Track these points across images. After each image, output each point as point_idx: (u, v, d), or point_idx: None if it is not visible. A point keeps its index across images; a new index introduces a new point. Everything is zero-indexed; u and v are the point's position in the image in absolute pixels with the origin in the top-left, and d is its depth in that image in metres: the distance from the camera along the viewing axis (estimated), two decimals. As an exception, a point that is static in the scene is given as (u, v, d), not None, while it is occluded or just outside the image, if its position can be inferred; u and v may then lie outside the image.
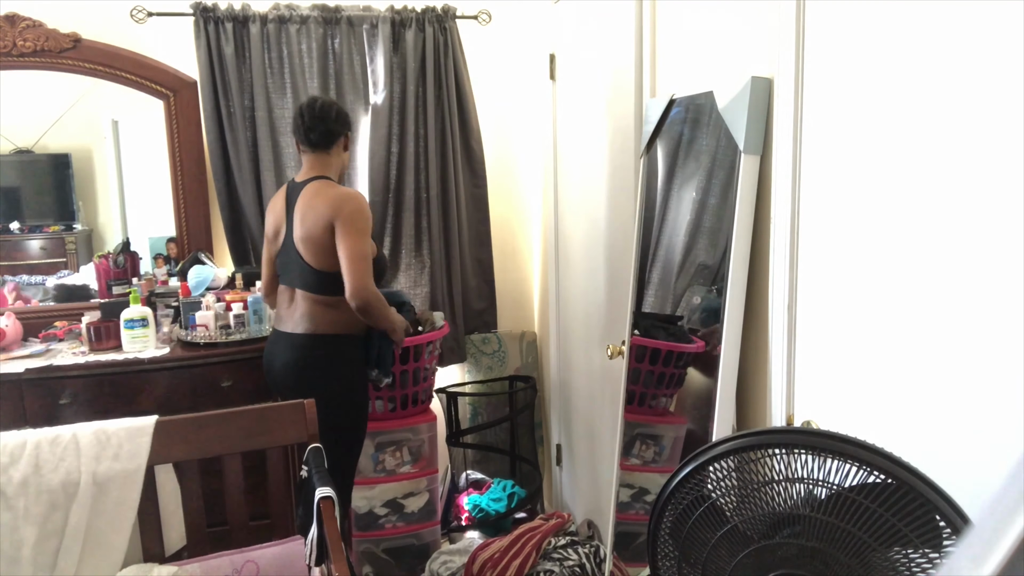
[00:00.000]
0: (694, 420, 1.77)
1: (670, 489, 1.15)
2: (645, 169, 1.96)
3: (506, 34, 3.28)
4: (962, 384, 1.04)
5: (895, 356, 1.17)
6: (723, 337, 1.54)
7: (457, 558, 2.53)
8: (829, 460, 0.98)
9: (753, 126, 1.48)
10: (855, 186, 1.25)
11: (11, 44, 2.74)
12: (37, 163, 2.97)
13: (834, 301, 1.32)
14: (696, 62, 1.83)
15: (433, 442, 2.85)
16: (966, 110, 1.01)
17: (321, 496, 1.59)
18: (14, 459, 1.62)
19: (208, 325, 2.64)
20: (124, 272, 2.89)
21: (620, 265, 2.35)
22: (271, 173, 2.95)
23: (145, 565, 1.69)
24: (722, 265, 1.56)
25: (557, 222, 3.07)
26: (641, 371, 1.97)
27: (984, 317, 1.00)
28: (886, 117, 1.17)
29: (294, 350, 2.25)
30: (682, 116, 1.81)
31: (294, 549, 1.79)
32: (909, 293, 1.13)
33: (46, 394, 2.44)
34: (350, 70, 2.99)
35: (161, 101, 2.94)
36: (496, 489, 3.08)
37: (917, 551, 0.92)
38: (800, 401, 1.44)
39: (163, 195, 3.02)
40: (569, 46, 2.81)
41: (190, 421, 1.76)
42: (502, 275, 3.41)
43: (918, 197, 1.11)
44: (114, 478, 1.66)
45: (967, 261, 1.02)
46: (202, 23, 2.82)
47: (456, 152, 3.14)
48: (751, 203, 1.52)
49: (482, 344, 3.37)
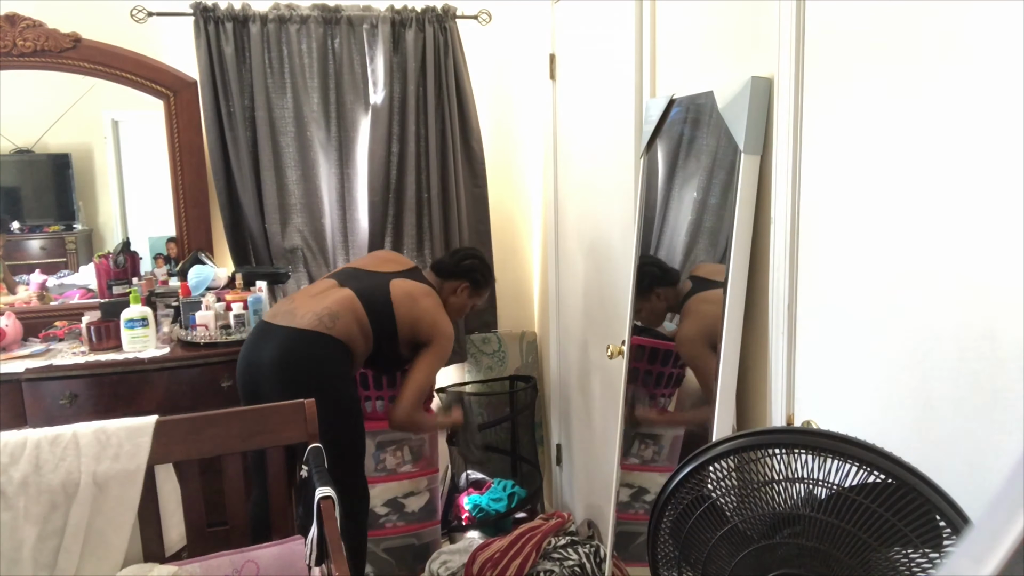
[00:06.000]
0: (694, 420, 1.77)
1: (670, 489, 1.15)
2: (645, 169, 1.96)
3: (506, 34, 3.28)
4: (962, 384, 1.04)
5: (895, 356, 1.17)
6: (723, 337, 1.54)
7: (457, 558, 2.53)
8: (829, 460, 0.98)
9: (753, 126, 1.48)
10: (855, 186, 1.25)
11: (11, 44, 2.74)
12: (37, 163, 2.97)
13: (834, 301, 1.32)
14: (696, 62, 1.83)
15: (433, 442, 2.86)
16: (967, 110, 1.01)
17: (321, 496, 1.59)
18: (14, 459, 1.62)
19: (208, 325, 2.64)
20: (124, 272, 2.89)
21: (620, 265, 2.35)
22: (271, 173, 2.95)
23: (145, 565, 1.69)
24: (722, 265, 1.56)
25: (557, 222, 3.07)
26: (641, 371, 1.97)
27: (984, 317, 1.00)
28: (886, 117, 1.17)
29: (291, 343, 2.21)
30: (682, 116, 1.81)
31: (294, 549, 1.79)
32: (909, 293, 1.13)
33: (46, 394, 2.44)
34: (350, 70, 2.99)
35: (161, 101, 2.94)
36: (496, 489, 3.08)
37: (917, 551, 0.92)
38: (800, 401, 1.44)
39: (163, 195, 3.02)
40: (569, 46, 2.81)
41: (190, 421, 1.75)
42: (502, 275, 3.41)
43: (918, 197, 1.11)
44: (114, 478, 1.66)
45: (967, 260, 1.02)
46: (202, 23, 2.82)
47: (456, 152, 3.14)
48: (751, 203, 1.52)
49: (482, 344, 3.37)
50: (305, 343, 2.22)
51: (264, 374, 2.23)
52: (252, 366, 2.27)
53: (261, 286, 2.81)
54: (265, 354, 2.23)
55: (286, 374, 2.19)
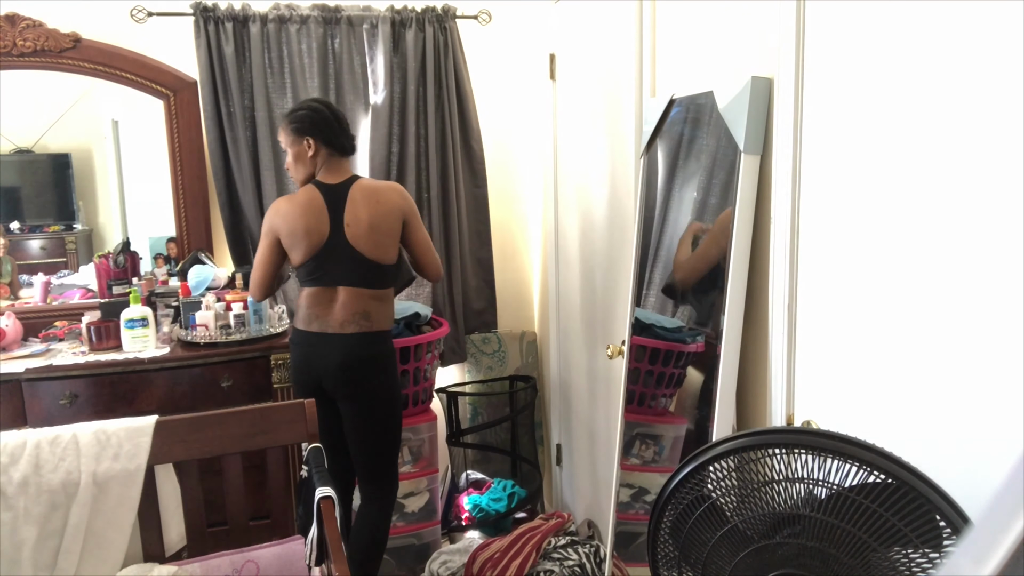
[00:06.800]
0: (694, 420, 1.77)
1: (670, 489, 1.15)
2: (645, 169, 1.96)
3: (506, 34, 3.28)
4: (962, 384, 1.04)
5: (895, 356, 1.17)
6: (723, 337, 1.54)
7: (457, 558, 2.53)
8: (829, 460, 0.98)
9: (753, 126, 1.48)
10: (855, 186, 1.25)
11: (11, 44, 2.74)
12: (37, 163, 2.97)
13: (834, 301, 1.32)
14: (696, 62, 1.83)
15: (433, 442, 2.86)
16: (967, 110, 1.01)
17: (321, 496, 1.59)
18: (14, 459, 1.62)
19: (208, 325, 2.64)
20: (124, 272, 2.89)
21: (620, 265, 2.35)
22: (271, 173, 2.95)
23: (145, 565, 1.69)
24: (722, 265, 1.56)
25: (557, 222, 3.07)
26: (641, 371, 1.97)
27: (984, 316, 1.00)
28: (886, 117, 1.17)
29: (350, 349, 2.23)
30: (682, 116, 1.81)
31: (294, 549, 1.79)
32: (909, 293, 1.13)
33: (46, 394, 2.44)
34: (350, 70, 2.99)
35: (161, 101, 2.94)
36: (496, 489, 3.08)
37: (917, 551, 0.92)
38: (800, 401, 1.44)
39: (163, 195, 3.02)
40: (569, 46, 2.81)
41: (190, 421, 1.75)
42: (502, 275, 3.41)
43: (918, 197, 1.11)
44: (114, 478, 1.66)
45: (967, 261, 1.02)
46: (202, 23, 2.82)
47: (456, 152, 3.14)
48: (751, 203, 1.52)
49: (482, 344, 3.37)
50: (366, 346, 2.26)
51: (335, 380, 2.26)
52: (317, 375, 2.28)
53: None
54: (328, 361, 2.24)
55: (358, 377, 2.26)
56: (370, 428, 2.30)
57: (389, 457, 2.36)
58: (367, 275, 2.24)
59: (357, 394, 2.26)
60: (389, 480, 2.38)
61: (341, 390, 2.26)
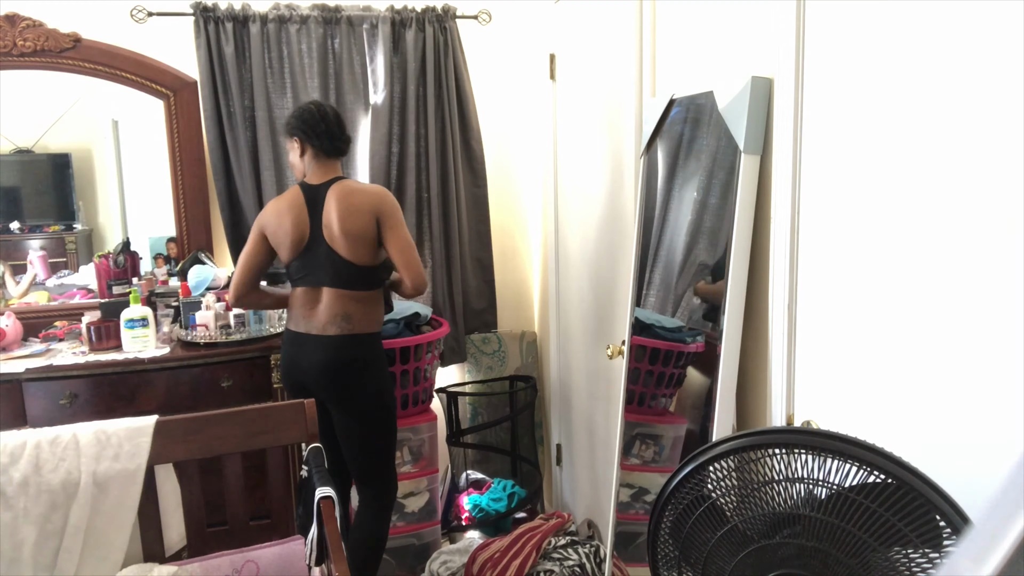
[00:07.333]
0: (694, 420, 1.77)
1: (670, 489, 1.15)
2: (645, 169, 1.96)
3: (506, 34, 3.28)
4: (962, 384, 1.04)
5: (895, 356, 1.17)
6: (723, 337, 1.54)
7: (457, 558, 2.53)
8: (829, 460, 0.98)
9: (753, 126, 1.48)
10: (855, 186, 1.25)
11: (11, 44, 2.74)
12: (37, 163, 2.97)
13: (834, 301, 1.32)
14: (696, 62, 1.83)
15: (433, 442, 2.86)
16: (966, 110, 1.01)
17: (321, 496, 1.59)
18: (14, 459, 1.62)
19: (208, 325, 2.64)
20: (124, 272, 2.89)
21: (620, 265, 2.35)
22: (271, 173, 2.95)
23: (145, 565, 1.68)
24: (722, 265, 1.56)
25: (557, 222, 3.07)
26: (641, 371, 1.97)
27: (984, 316, 1.00)
28: (886, 117, 1.17)
29: (330, 351, 2.22)
30: (682, 116, 1.81)
31: (294, 549, 1.79)
32: (909, 293, 1.13)
33: (46, 394, 2.44)
34: (350, 70, 2.99)
35: (161, 101, 2.94)
36: (496, 489, 3.08)
37: (917, 551, 0.92)
38: (800, 401, 1.44)
39: (163, 195, 3.02)
40: (569, 46, 2.81)
41: (190, 421, 1.75)
42: (502, 275, 3.41)
43: (918, 197, 1.11)
44: (114, 478, 1.66)
45: (967, 261, 1.02)
46: (202, 23, 2.82)
47: (456, 152, 3.14)
48: (751, 203, 1.52)
49: (482, 344, 3.37)
50: (347, 348, 2.24)
51: (314, 380, 2.25)
52: (298, 375, 2.28)
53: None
54: (308, 361, 2.24)
55: (339, 379, 2.24)
56: (357, 431, 2.28)
57: (381, 460, 2.34)
58: (347, 276, 2.22)
59: (341, 397, 2.24)
60: (384, 483, 2.36)
61: (324, 392, 2.25)
